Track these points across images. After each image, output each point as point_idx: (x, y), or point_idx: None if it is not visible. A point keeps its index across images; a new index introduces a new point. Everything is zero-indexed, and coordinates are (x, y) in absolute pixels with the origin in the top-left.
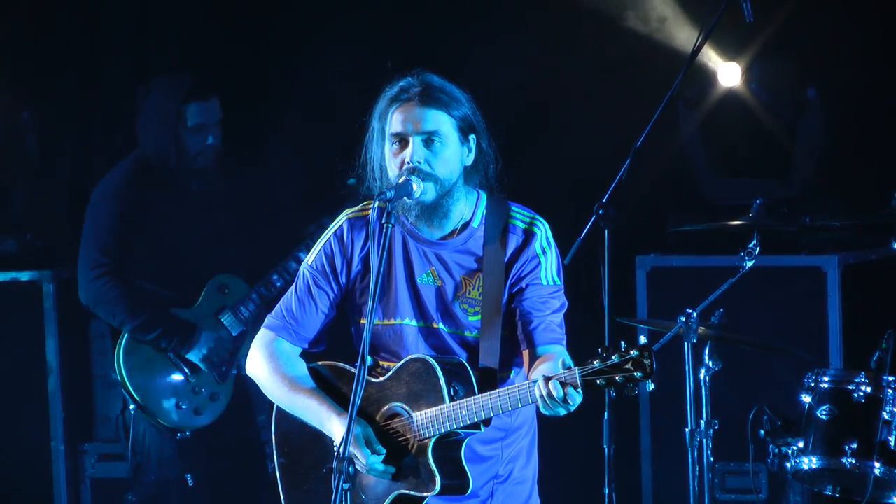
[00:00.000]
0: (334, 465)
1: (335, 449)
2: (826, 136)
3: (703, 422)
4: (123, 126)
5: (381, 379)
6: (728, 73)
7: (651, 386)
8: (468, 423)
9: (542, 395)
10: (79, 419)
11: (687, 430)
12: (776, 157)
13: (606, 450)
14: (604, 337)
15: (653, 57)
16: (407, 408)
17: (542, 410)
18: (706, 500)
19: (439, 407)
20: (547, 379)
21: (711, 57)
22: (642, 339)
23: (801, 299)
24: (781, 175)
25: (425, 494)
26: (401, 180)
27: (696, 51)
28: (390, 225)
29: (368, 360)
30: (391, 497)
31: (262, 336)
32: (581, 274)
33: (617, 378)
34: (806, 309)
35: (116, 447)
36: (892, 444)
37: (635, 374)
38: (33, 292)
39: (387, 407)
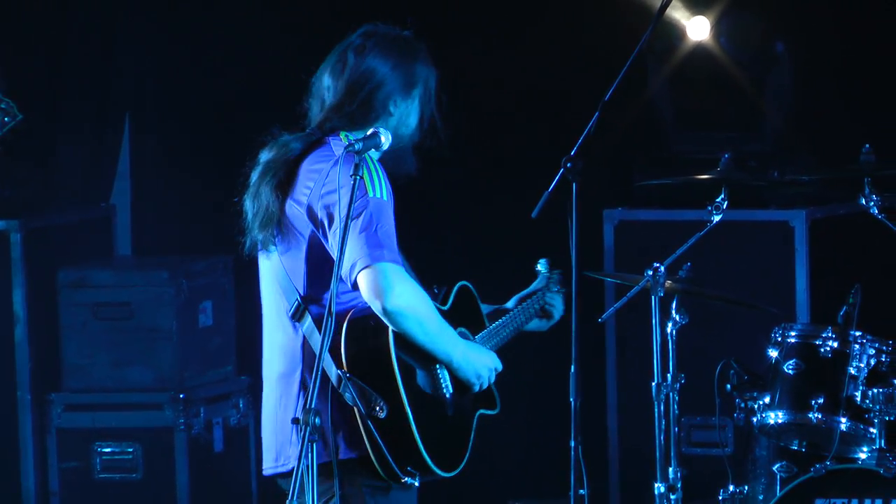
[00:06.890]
0: (300, 416)
1: (459, 379)
2: (795, 90)
3: (669, 376)
4: (92, 72)
5: (446, 306)
6: (696, 27)
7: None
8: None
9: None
10: (46, 369)
11: (653, 383)
12: (745, 112)
13: (573, 403)
14: (571, 290)
15: (621, 10)
16: (467, 331)
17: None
18: (672, 454)
19: (486, 330)
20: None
21: (680, 10)
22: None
23: (768, 254)
24: (750, 129)
25: (492, 413)
26: (369, 132)
27: (665, 4)
28: (357, 177)
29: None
30: (476, 416)
31: (396, 269)
32: (548, 227)
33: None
34: (773, 263)
35: (83, 397)
36: (858, 399)
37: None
38: (1, 241)
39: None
